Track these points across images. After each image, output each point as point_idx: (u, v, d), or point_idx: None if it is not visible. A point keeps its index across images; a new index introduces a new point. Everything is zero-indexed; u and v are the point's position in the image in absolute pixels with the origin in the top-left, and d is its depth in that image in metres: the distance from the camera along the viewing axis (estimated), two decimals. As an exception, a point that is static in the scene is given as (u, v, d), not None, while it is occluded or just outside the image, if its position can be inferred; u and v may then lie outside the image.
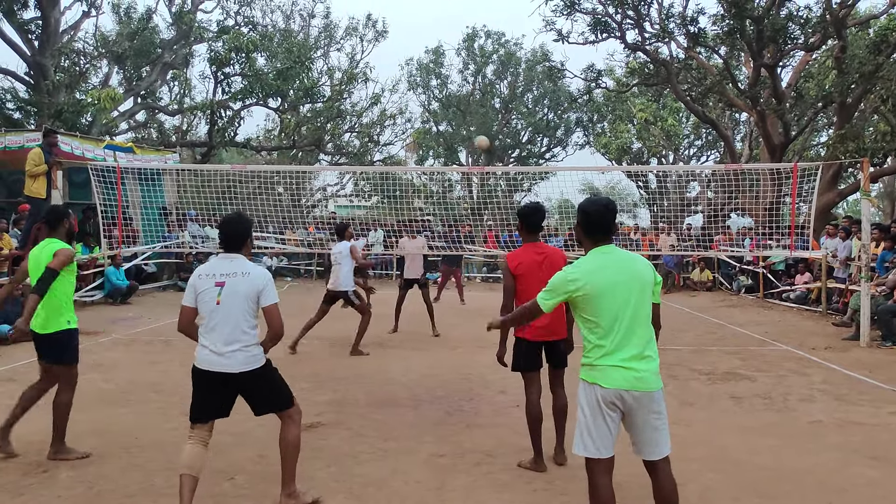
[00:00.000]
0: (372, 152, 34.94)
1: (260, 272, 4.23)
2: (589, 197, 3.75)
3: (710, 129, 28.19)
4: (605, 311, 3.45)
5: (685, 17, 19.00)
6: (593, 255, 3.58)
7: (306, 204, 31.38)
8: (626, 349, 3.42)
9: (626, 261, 3.58)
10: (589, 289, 3.46)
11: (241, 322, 4.11)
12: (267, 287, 4.17)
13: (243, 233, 4.31)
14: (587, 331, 3.53)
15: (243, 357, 4.11)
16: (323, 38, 32.04)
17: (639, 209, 35.36)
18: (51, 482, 4.74)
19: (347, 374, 8.23)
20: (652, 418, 3.45)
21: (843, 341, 10.78)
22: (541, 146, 38.65)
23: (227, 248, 4.29)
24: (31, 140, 14.43)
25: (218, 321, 4.11)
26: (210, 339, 4.12)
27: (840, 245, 13.95)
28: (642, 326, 3.50)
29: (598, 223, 3.60)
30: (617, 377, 3.40)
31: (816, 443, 5.76)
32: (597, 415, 3.44)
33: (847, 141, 16.42)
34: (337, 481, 4.81)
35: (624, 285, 3.48)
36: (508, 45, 36.27)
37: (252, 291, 4.13)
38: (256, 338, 4.17)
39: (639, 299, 3.50)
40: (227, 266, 4.20)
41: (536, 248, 5.09)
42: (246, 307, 4.12)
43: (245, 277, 4.15)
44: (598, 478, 3.48)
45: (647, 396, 3.42)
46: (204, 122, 28.67)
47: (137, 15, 24.61)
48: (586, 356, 3.53)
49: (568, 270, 3.57)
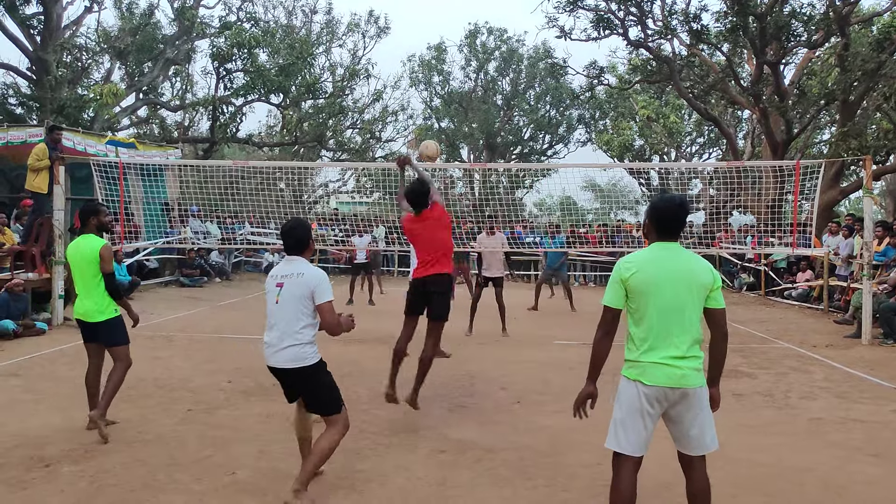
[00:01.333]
0: (374, 149, 34.98)
1: (313, 273, 4.40)
2: (664, 193, 3.65)
3: (713, 127, 28.16)
4: (653, 303, 3.42)
5: (688, 14, 18.97)
6: (654, 247, 3.55)
7: (308, 200, 31.41)
8: (671, 347, 3.40)
9: (684, 259, 3.50)
10: (641, 276, 3.43)
11: (294, 320, 4.32)
12: (319, 286, 4.34)
13: (302, 237, 4.53)
14: (633, 323, 3.51)
15: (293, 354, 4.31)
16: (325, 35, 32.04)
17: (641, 206, 35.35)
18: (53, 476, 4.75)
19: (350, 370, 8.23)
20: (693, 415, 3.43)
21: (844, 339, 10.78)
22: (543, 143, 38.65)
23: (288, 251, 4.53)
24: (33, 135, 14.46)
25: (276, 319, 4.37)
26: (269, 336, 4.40)
27: (842, 243, 13.94)
28: (690, 327, 3.44)
29: (667, 220, 3.54)
30: (659, 374, 3.38)
31: (817, 440, 5.77)
32: (634, 413, 3.43)
33: (849, 138, 16.41)
34: (339, 477, 4.82)
35: (677, 282, 3.42)
36: (511, 42, 36.27)
37: (306, 291, 4.32)
38: (311, 337, 4.36)
39: (690, 299, 3.43)
40: (288, 268, 4.45)
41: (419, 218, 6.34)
42: (300, 306, 4.32)
43: (300, 278, 4.35)
44: (623, 473, 3.47)
45: (690, 393, 3.40)
46: (206, 118, 28.74)
47: (140, 10, 24.58)
48: (630, 352, 3.52)
49: (624, 258, 3.57)
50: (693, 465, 3.52)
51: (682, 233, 3.66)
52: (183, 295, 15.77)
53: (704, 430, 3.46)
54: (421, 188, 6.30)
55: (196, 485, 4.63)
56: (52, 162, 11.17)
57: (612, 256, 20.70)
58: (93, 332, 5.78)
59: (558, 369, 8.39)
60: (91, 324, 5.73)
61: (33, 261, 11.42)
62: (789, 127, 18.90)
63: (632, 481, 3.47)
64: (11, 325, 9.82)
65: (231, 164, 14.39)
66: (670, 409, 3.44)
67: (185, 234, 17.38)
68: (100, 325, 5.72)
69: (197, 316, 12.72)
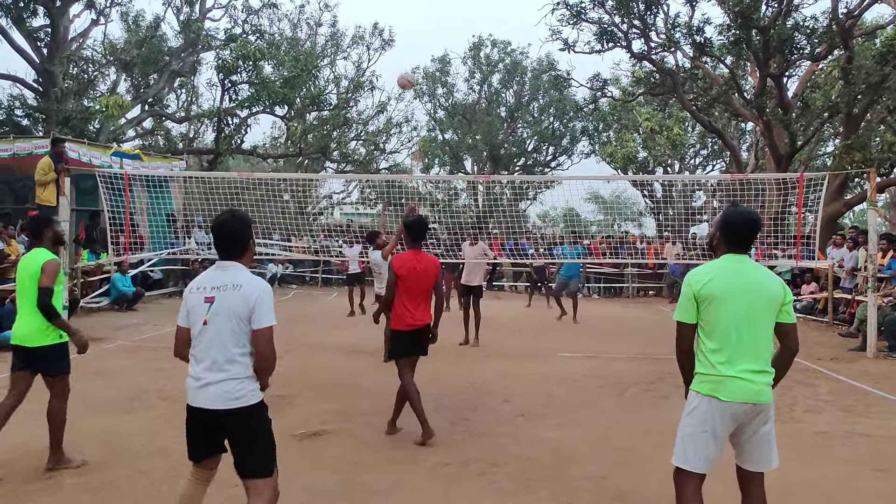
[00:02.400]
0: (378, 160, 35.07)
1: (255, 285, 3.46)
2: (734, 206, 3.65)
3: (716, 139, 28.19)
4: (725, 315, 3.38)
5: (691, 27, 19.00)
6: (724, 259, 3.53)
7: (312, 211, 31.47)
8: (746, 361, 3.36)
9: (755, 272, 3.48)
10: (712, 287, 3.40)
11: (230, 347, 3.39)
12: (260, 303, 3.40)
13: (238, 234, 3.58)
14: (705, 338, 3.44)
15: (225, 391, 3.37)
16: (330, 47, 32.19)
17: (644, 218, 35.38)
18: (55, 489, 4.75)
19: (353, 383, 8.23)
20: (763, 431, 3.41)
21: (849, 352, 10.74)
22: (546, 155, 38.70)
23: (221, 255, 3.59)
24: (39, 147, 14.51)
25: (204, 345, 3.43)
26: (195, 368, 3.46)
27: (846, 255, 13.91)
28: (764, 341, 3.41)
29: (737, 233, 3.51)
30: (736, 389, 3.33)
31: (823, 454, 5.73)
32: (705, 429, 3.38)
33: (853, 151, 16.40)
34: (342, 490, 4.80)
35: (749, 294, 3.39)
36: (514, 54, 36.38)
37: (242, 308, 3.39)
38: (250, 369, 3.45)
39: (762, 312, 3.40)
40: (220, 277, 3.51)
41: (416, 255, 6.03)
42: (235, 328, 3.39)
43: (236, 291, 3.41)
44: (689, 491, 3.44)
45: (764, 409, 3.38)
46: (211, 130, 28.86)
47: (146, 23, 24.75)
48: (702, 366, 3.45)
49: (693, 270, 3.54)
50: (752, 482, 3.49)
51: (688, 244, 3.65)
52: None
53: (771, 446, 3.45)
54: (424, 220, 6.24)
55: (199, 497, 4.61)
56: (57, 174, 11.22)
57: (616, 268, 20.72)
58: (29, 358, 5.00)
59: (562, 382, 8.37)
60: (30, 349, 4.96)
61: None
62: (793, 139, 18.90)
63: (697, 498, 3.44)
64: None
65: (236, 176, 14.44)
66: (742, 426, 3.41)
67: (189, 245, 17.41)
68: (33, 350, 4.95)
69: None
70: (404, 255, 6.04)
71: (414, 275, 5.91)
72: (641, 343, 11.17)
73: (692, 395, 3.48)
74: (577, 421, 6.65)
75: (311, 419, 6.55)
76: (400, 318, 5.96)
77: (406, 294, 5.93)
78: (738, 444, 3.49)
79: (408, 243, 6.16)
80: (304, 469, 5.17)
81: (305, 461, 5.36)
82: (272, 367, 3.49)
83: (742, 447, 3.48)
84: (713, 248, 3.68)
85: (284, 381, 8.11)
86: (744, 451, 3.48)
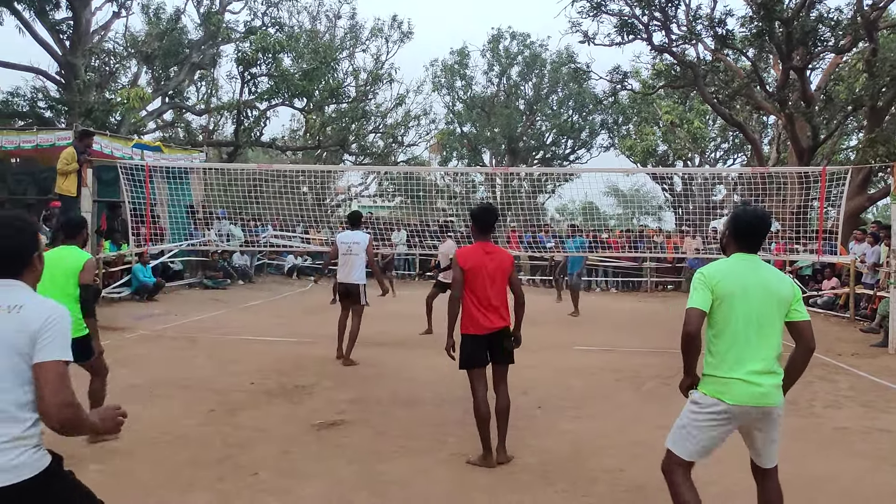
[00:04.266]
0: (396, 153, 35.10)
1: (38, 307, 2.44)
2: (745, 205, 3.64)
3: (737, 133, 27.91)
4: (734, 315, 3.37)
5: (713, 19, 18.82)
6: (734, 258, 3.52)
7: (330, 204, 31.58)
8: (753, 363, 3.35)
9: (764, 271, 3.47)
10: (724, 286, 3.38)
11: (8, 391, 2.35)
12: (46, 329, 2.38)
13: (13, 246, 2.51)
14: (713, 337, 3.44)
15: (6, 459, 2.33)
16: (348, 39, 32.21)
17: (664, 212, 35.15)
18: (78, 475, 4.81)
19: (370, 373, 8.27)
20: (772, 431, 3.44)
21: (870, 348, 10.63)
22: (565, 148, 38.55)
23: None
24: (62, 138, 14.68)
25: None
26: None
27: (868, 250, 13.75)
28: (771, 341, 3.40)
29: (747, 232, 3.52)
30: (741, 392, 3.33)
31: (842, 450, 5.70)
32: (707, 427, 3.40)
33: (877, 145, 16.19)
34: (360, 478, 4.84)
35: (759, 294, 3.38)
36: (534, 47, 36.23)
37: (20, 340, 2.36)
38: (35, 425, 2.43)
39: (771, 313, 3.39)
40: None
41: (486, 248, 5.28)
42: (16, 366, 2.36)
43: (14, 315, 2.39)
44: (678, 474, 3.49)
45: (771, 411, 3.39)
46: (230, 122, 29.03)
47: (166, 16, 24.89)
48: (710, 367, 3.45)
49: (704, 268, 3.51)
50: (767, 476, 3.55)
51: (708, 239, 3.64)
52: (206, 297, 15.92)
53: (778, 443, 3.51)
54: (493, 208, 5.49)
55: (219, 484, 4.68)
56: (79, 165, 11.35)
57: (634, 262, 20.62)
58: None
59: (580, 374, 8.36)
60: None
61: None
62: (815, 133, 18.69)
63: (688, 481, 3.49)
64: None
65: (255, 168, 14.53)
66: (749, 426, 3.43)
67: (209, 237, 17.55)
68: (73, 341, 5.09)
69: (220, 317, 12.83)
70: (470, 248, 5.37)
71: (483, 270, 5.18)
72: (659, 337, 11.12)
73: (698, 394, 3.48)
74: (594, 414, 6.64)
75: (329, 409, 6.60)
76: (470, 321, 5.17)
77: (476, 293, 5.17)
78: (748, 441, 3.54)
79: (475, 234, 5.43)
80: (322, 458, 5.22)
81: (323, 451, 5.41)
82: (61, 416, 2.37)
83: (752, 446, 3.54)
84: (723, 248, 3.68)
85: (303, 372, 8.19)
86: (753, 449, 3.53)
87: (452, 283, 5.26)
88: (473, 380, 5.21)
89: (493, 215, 5.40)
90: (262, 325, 11.82)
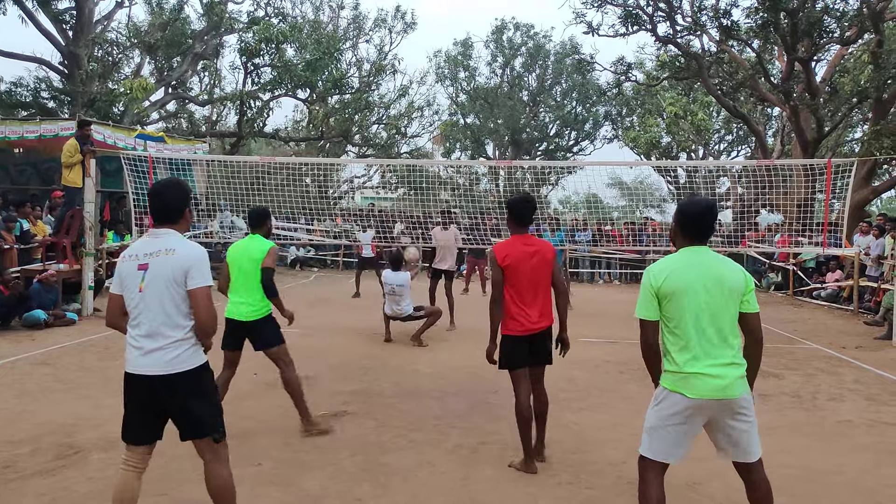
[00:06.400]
0: (399, 144, 35.05)
1: (189, 248, 3.46)
2: (691, 196, 3.55)
3: (742, 124, 27.84)
4: (687, 310, 3.32)
5: (718, 10, 18.74)
6: (682, 252, 3.48)
7: (333, 195, 31.57)
8: (711, 356, 3.31)
9: (715, 263, 3.42)
10: (672, 283, 3.34)
11: (169, 312, 3.37)
12: (195, 265, 3.39)
13: (172, 200, 3.55)
14: (668, 334, 3.41)
15: (168, 356, 3.35)
16: (352, 30, 32.15)
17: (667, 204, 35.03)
18: (82, 464, 4.83)
19: (374, 365, 8.27)
20: (739, 423, 3.36)
21: (874, 340, 10.62)
22: (569, 140, 38.45)
23: (155, 221, 3.57)
24: (65, 129, 14.66)
25: (141, 312, 3.39)
26: (134, 336, 3.41)
27: (873, 243, 13.72)
28: (728, 333, 3.36)
29: (693, 224, 3.47)
30: (701, 386, 3.28)
31: (846, 443, 5.68)
32: (671, 423, 3.35)
33: (882, 137, 16.13)
34: (363, 470, 4.84)
35: (710, 287, 3.34)
36: (537, 38, 36.11)
37: (178, 272, 3.36)
38: (191, 333, 3.43)
39: (725, 304, 3.35)
40: (153, 244, 3.46)
41: (525, 240, 4.92)
42: (172, 293, 3.37)
43: (170, 256, 3.39)
44: (648, 475, 3.43)
45: (733, 403, 3.32)
46: (233, 113, 29.00)
47: (169, 6, 24.83)
48: (668, 363, 3.41)
49: (651, 266, 3.49)
50: (752, 470, 3.44)
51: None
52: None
53: (750, 440, 3.40)
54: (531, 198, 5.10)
55: (222, 475, 4.67)
56: (83, 156, 11.34)
57: (638, 254, 20.59)
58: (245, 333, 5.55)
59: (584, 367, 8.35)
60: (244, 324, 5.50)
61: (65, 252, 11.61)
62: (820, 125, 18.61)
63: (658, 483, 3.42)
64: (43, 315, 10.01)
65: (258, 160, 14.50)
66: (714, 420, 3.37)
67: (211, 228, 17.53)
68: (250, 325, 5.50)
69: (222, 308, 12.80)
70: (509, 243, 4.92)
71: (524, 265, 4.80)
72: (663, 329, 11.11)
73: (660, 389, 3.43)
74: (598, 406, 6.64)
75: (333, 400, 6.61)
76: (512, 321, 4.83)
77: (517, 290, 4.80)
78: (717, 438, 3.44)
79: (511, 227, 5.03)
80: (326, 449, 5.22)
81: (327, 441, 5.41)
82: (211, 328, 3.43)
83: (717, 441, 3.45)
84: (672, 241, 3.62)
85: (306, 363, 8.18)
86: (722, 444, 3.43)
87: (492, 285, 4.88)
88: (515, 380, 4.91)
89: (532, 206, 5.03)
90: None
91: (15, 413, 5.95)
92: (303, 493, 4.44)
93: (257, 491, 4.45)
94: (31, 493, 4.32)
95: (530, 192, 8.24)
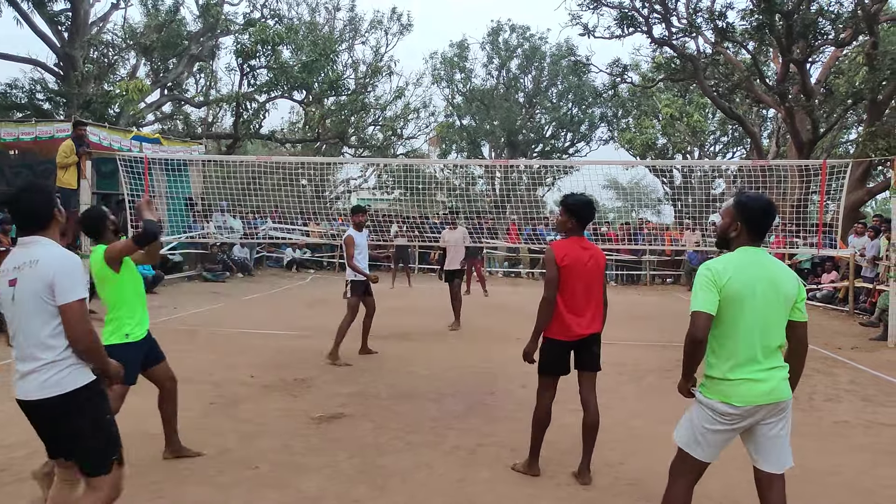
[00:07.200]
0: (395, 146, 35.06)
1: (52, 257, 3.04)
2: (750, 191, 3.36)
3: (737, 126, 27.88)
4: (743, 317, 3.19)
5: (713, 12, 18.76)
6: (741, 252, 3.30)
7: (329, 196, 31.56)
8: (756, 361, 3.20)
9: (772, 267, 3.28)
10: (734, 285, 3.18)
11: (37, 332, 3.03)
12: (58, 277, 2.99)
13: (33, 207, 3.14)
14: (717, 337, 3.25)
15: (40, 379, 3.02)
16: (348, 32, 32.13)
17: (663, 205, 35.09)
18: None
19: (370, 366, 8.27)
20: (780, 429, 3.28)
21: (870, 341, 10.64)
22: (564, 141, 38.50)
23: (20, 230, 3.18)
24: (60, 130, 14.62)
25: (16, 333, 3.10)
26: (14, 358, 3.14)
27: (868, 244, 13.76)
28: (776, 340, 3.25)
29: (758, 220, 3.30)
30: (749, 392, 3.18)
31: (842, 443, 5.70)
32: (720, 432, 3.26)
33: (877, 138, 16.17)
34: (360, 472, 4.84)
35: (765, 293, 3.20)
36: (533, 40, 36.13)
37: (41, 286, 2.99)
38: (67, 352, 3.07)
39: (777, 311, 3.24)
40: (20, 256, 3.09)
41: (582, 243, 4.77)
42: (39, 310, 3.01)
43: (34, 268, 3.01)
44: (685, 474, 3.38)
45: (779, 406, 3.24)
46: (229, 114, 28.99)
47: (165, 7, 24.78)
48: (711, 368, 3.28)
49: (711, 262, 3.27)
50: (773, 485, 3.33)
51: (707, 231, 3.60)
52: (205, 289, 15.90)
53: (786, 442, 3.31)
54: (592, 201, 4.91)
55: (219, 477, 4.67)
56: (78, 157, 11.32)
57: (633, 255, 20.62)
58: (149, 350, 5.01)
59: (579, 368, 8.35)
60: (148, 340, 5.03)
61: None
62: (815, 126, 18.66)
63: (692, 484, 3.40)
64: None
65: (254, 160, 14.50)
66: (756, 425, 3.25)
67: (208, 229, 17.52)
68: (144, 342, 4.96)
69: (219, 310, 12.81)
70: (567, 243, 4.73)
71: (580, 268, 4.64)
72: (658, 330, 11.13)
73: (699, 395, 3.32)
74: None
75: (330, 402, 6.60)
76: (559, 325, 4.66)
77: (570, 292, 4.64)
78: (753, 444, 3.34)
79: (569, 229, 4.78)
80: (323, 452, 5.22)
81: (323, 444, 5.41)
82: (86, 347, 3.06)
83: (758, 447, 3.33)
84: (727, 241, 3.40)
85: (303, 365, 8.18)
86: (761, 450, 3.32)
87: (546, 283, 4.69)
88: (544, 386, 4.81)
89: (593, 210, 4.86)
90: (261, 319, 11.81)
91: (9, 416, 5.92)
92: (301, 495, 4.44)
93: (255, 494, 4.44)
94: (26, 496, 4.31)
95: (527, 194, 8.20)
